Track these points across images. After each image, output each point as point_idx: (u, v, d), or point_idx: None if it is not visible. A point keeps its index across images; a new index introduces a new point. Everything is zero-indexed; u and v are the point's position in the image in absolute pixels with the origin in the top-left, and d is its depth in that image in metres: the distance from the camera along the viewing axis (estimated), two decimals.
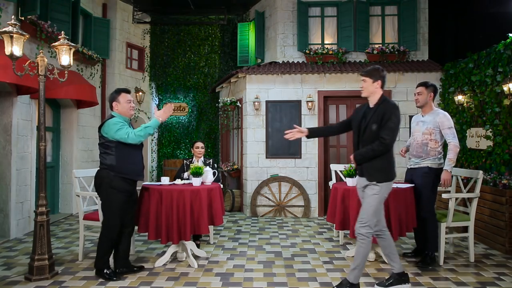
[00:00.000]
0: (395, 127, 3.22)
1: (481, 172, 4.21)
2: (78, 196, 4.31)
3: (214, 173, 4.57)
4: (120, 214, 3.70)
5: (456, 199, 4.48)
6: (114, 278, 3.70)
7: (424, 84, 4.20)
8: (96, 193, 3.85)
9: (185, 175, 4.94)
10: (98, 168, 3.75)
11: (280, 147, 7.08)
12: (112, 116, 3.73)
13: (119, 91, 3.80)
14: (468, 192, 4.37)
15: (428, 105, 4.18)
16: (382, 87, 3.38)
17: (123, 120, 3.73)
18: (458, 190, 4.65)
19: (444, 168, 4.03)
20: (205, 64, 9.49)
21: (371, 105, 3.37)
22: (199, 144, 5.31)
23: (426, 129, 4.12)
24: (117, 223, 3.70)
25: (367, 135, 3.30)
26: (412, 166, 4.27)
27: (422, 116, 4.23)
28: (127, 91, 3.83)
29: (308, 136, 3.61)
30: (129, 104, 3.76)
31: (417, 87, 4.25)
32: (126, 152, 3.65)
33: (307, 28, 7.62)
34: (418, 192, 4.13)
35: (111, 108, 3.79)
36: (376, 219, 3.29)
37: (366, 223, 3.24)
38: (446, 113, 4.11)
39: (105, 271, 3.71)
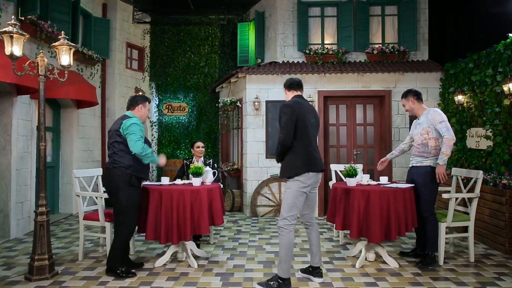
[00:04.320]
0: (284, 125, 3.45)
1: (481, 172, 4.22)
2: (78, 196, 4.30)
3: (214, 173, 4.57)
4: (138, 211, 3.90)
5: (456, 199, 4.48)
6: (130, 275, 3.78)
7: (403, 96, 4.43)
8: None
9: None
10: (110, 167, 3.78)
11: None
12: (129, 118, 3.80)
13: (146, 100, 4.03)
14: (468, 192, 4.37)
15: (417, 108, 4.34)
16: (289, 90, 3.72)
17: (142, 126, 3.85)
18: (458, 190, 4.65)
19: (437, 162, 4.06)
20: (205, 64, 9.48)
21: None
22: (199, 144, 5.33)
23: (423, 129, 4.21)
24: (136, 220, 3.91)
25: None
26: (414, 164, 4.31)
27: (418, 119, 4.37)
28: (150, 101, 4.12)
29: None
30: (148, 113, 4.08)
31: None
32: None
33: (307, 28, 7.62)
34: (418, 191, 4.15)
35: (131, 108, 3.94)
36: (295, 213, 3.46)
37: (282, 215, 3.46)
38: (437, 109, 4.22)
39: (121, 269, 3.77)
